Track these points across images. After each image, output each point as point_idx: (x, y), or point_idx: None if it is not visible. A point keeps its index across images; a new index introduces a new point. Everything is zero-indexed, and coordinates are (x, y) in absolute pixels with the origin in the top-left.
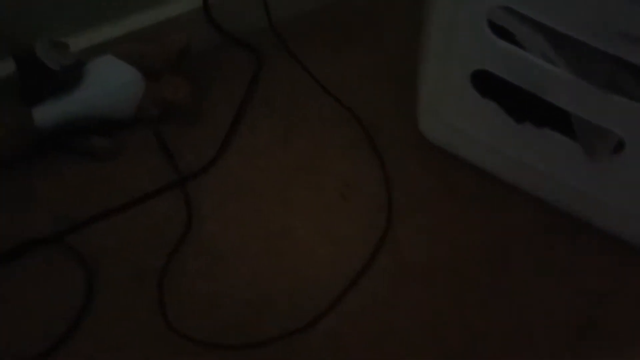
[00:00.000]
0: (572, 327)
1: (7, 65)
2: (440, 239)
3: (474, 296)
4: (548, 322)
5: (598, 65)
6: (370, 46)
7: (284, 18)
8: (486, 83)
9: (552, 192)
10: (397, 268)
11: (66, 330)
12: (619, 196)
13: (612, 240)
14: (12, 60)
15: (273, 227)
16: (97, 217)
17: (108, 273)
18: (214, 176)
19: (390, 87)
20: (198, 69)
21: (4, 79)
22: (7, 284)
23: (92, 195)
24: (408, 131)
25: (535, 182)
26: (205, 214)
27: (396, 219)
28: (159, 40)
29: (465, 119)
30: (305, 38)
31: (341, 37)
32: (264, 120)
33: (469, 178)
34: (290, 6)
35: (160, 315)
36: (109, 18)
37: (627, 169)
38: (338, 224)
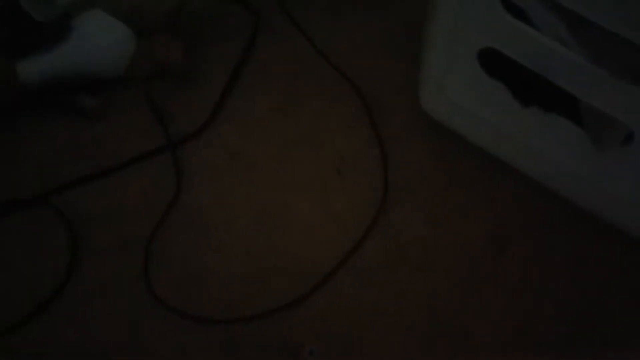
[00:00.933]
0: (572, 317)
1: None
2: (436, 220)
3: (469, 281)
4: (548, 311)
5: (614, 52)
6: (374, 12)
7: None
8: (495, 62)
9: (556, 180)
10: (391, 248)
11: (49, 295)
12: (625, 188)
13: (615, 231)
14: None
15: (266, 200)
16: (83, 179)
17: (93, 238)
18: (206, 142)
19: (393, 57)
20: (192, 27)
21: None
22: None
23: (79, 156)
24: (409, 106)
25: (539, 168)
26: (196, 182)
27: (392, 198)
28: None
29: (470, 97)
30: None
31: (345, 1)
32: (261, 86)
33: (470, 159)
34: None
35: (146, 285)
36: None
37: (635, 162)
38: (333, 200)
